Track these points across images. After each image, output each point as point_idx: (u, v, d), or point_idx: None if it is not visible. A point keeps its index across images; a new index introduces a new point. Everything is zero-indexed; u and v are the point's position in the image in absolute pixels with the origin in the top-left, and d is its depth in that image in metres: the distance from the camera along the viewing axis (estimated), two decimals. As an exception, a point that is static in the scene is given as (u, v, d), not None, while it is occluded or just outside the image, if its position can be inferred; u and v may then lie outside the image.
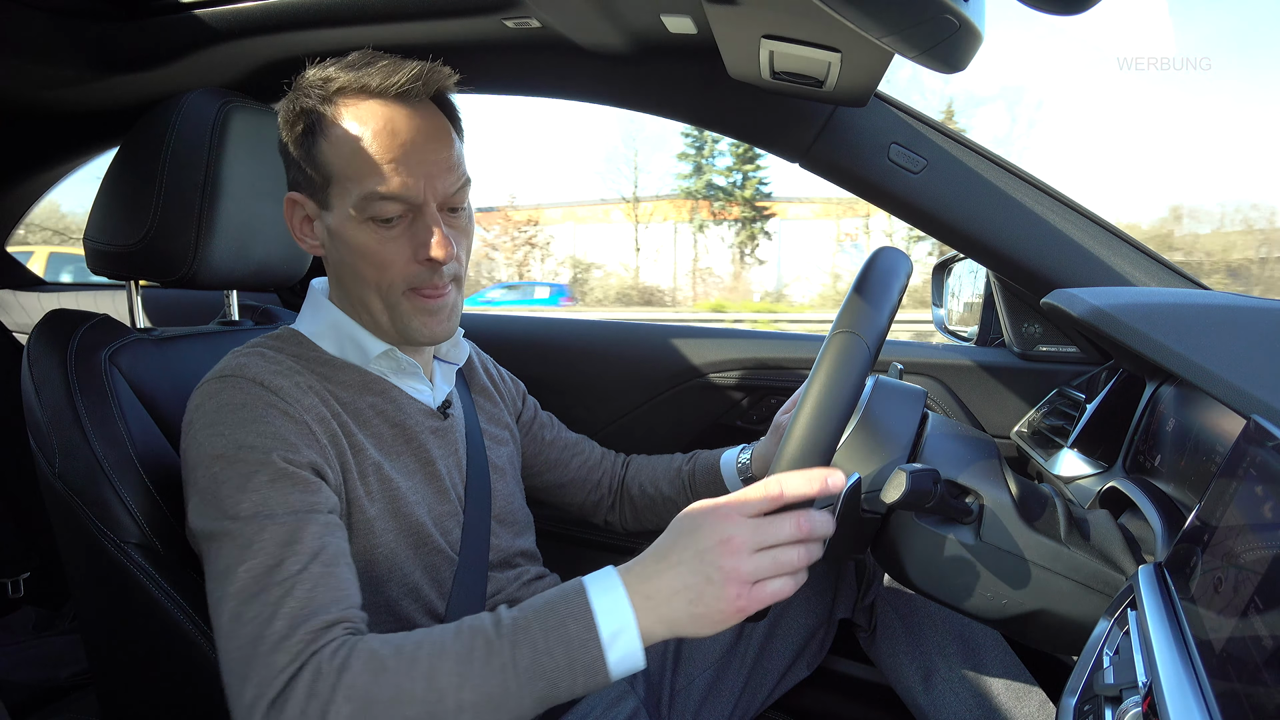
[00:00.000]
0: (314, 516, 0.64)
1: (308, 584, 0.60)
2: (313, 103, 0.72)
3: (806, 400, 0.62)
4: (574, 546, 1.36)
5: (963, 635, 0.95)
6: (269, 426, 0.67)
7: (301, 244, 0.78)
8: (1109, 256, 0.98)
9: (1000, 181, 0.99)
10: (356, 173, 0.70)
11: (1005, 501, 0.65)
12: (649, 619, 0.58)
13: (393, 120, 0.71)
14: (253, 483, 0.63)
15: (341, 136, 0.71)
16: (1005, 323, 1.17)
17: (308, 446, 0.68)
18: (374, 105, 0.71)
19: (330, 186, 0.73)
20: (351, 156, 0.70)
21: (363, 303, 0.76)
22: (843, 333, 0.63)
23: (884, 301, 0.66)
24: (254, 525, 0.62)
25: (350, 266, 0.74)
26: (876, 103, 0.99)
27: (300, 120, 0.73)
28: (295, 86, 0.75)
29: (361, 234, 0.72)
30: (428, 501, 0.79)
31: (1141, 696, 0.43)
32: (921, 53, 0.60)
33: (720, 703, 0.96)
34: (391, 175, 0.70)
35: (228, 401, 0.68)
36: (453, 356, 0.90)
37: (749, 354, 1.30)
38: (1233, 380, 0.55)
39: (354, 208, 0.71)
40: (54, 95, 1.15)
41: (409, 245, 0.73)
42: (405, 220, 0.73)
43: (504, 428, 0.97)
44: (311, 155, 0.73)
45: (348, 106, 0.72)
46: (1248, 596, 0.40)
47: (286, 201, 0.77)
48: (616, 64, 1.00)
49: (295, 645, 0.56)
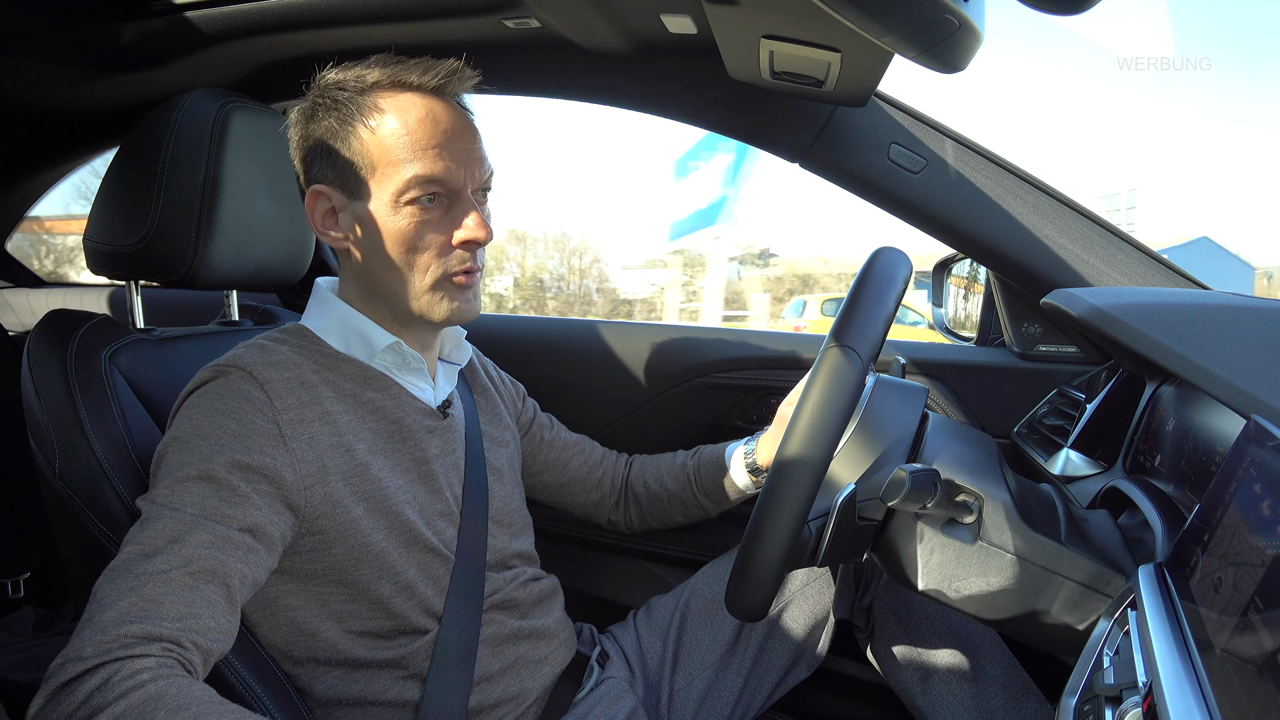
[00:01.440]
0: (214, 526, 0.63)
1: (160, 586, 0.58)
2: (349, 94, 0.74)
3: (798, 420, 0.63)
4: (573, 547, 1.36)
5: (961, 636, 0.95)
6: (233, 421, 0.68)
7: (324, 237, 0.79)
8: (1109, 256, 0.98)
9: (1000, 181, 0.99)
10: (400, 158, 0.73)
11: (1005, 501, 0.65)
12: None
13: (433, 110, 0.74)
14: (181, 473, 0.65)
15: (384, 124, 0.73)
16: (1005, 323, 1.17)
17: (272, 447, 0.68)
18: (413, 97, 0.75)
19: (369, 174, 0.74)
20: (394, 143, 0.73)
21: (391, 290, 0.77)
22: (836, 347, 0.64)
23: (880, 309, 0.66)
24: (158, 510, 0.63)
25: (385, 253, 0.75)
26: (876, 103, 0.99)
27: (331, 112, 0.75)
28: (320, 85, 0.76)
29: (400, 219, 0.74)
30: (419, 500, 0.79)
31: (1141, 697, 0.43)
32: (921, 53, 0.60)
33: (719, 703, 0.96)
34: (436, 160, 0.73)
35: (209, 389, 0.70)
36: (455, 357, 0.90)
37: (749, 354, 1.30)
38: (1233, 380, 0.55)
39: (394, 193, 0.73)
40: (54, 95, 1.15)
41: (448, 229, 0.76)
42: (441, 206, 0.75)
43: (504, 429, 0.97)
44: (348, 144, 0.74)
45: (387, 98, 0.74)
46: (1248, 596, 0.40)
47: (310, 194, 0.77)
48: (616, 64, 1.00)
49: (107, 641, 0.55)
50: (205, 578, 0.61)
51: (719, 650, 0.98)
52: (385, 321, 0.80)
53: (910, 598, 0.98)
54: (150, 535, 0.61)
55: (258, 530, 0.66)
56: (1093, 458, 0.89)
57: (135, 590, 0.58)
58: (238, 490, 0.65)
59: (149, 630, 0.56)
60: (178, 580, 0.59)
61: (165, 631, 0.57)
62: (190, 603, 0.59)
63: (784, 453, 0.63)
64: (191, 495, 0.64)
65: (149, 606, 0.57)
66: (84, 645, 0.55)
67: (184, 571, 0.60)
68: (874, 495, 0.67)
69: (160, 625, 0.57)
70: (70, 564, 0.80)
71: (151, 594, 0.58)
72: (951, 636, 0.95)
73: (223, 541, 0.63)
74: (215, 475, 0.65)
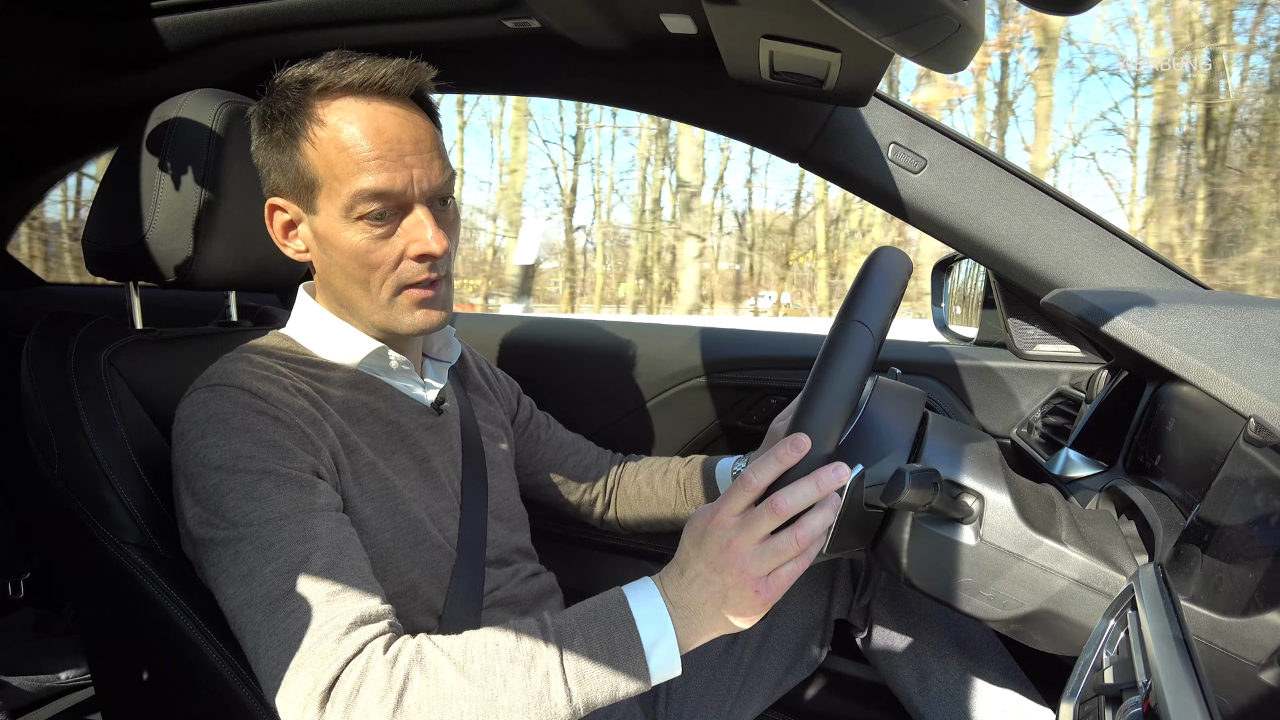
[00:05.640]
0: (326, 514, 0.65)
1: (342, 579, 0.61)
2: (292, 104, 0.71)
3: (809, 386, 0.62)
4: (569, 545, 1.36)
5: (959, 636, 0.95)
6: (262, 435, 0.67)
7: (284, 250, 0.77)
8: (1109, 256, 0.98)
9: (1000, 181, 0.99)
10: (344, 172, 0.69)
11: (1005, 501, 0.65)
12: (687, 626, 0.61)
13: (376, 117, 0.70)
14: (259, 490, 0.64)
15: (325, 137, 0.70)
16: (1005, 323, 1.17)
17: (302, 450, 0.68)
18: (356, 103, 0.70)
19: (316, 189, 0.71)
20: (337, 156, 0.69)
21: (353, 303, 0.76)
22: (849, 322, 0.63)
23: (886, 296, 0.65)
24: (270, 529, 0.62)
25: (341, 268, 0.73)
26: (876, 102, 0.99)
27: (279, 123, 0.72)
28: (270, 89, 0.73)
29: (352, 234, 0.71)
30: (425, 498, 0.79)
31: (1141, 696, 0.43)
32: (921, 53, 0.60)
33: (716, 703, 0.96)
34: (379, 171, 0.69)
35: (216, 411, 0.67)
36: (445, 355, 0.89)
37: (749, 354, 1.30)
38: (1233, 380, 0.55)
39: (343, 208, 0.70)
40: (54, 95, 1.15)
41: (401, 241, 0.72)
42: (395, 217, 0.72)
43: (499, 426, 0.96)
44: (294, 159, 0.71)
45: (329, 106, 0.70)
46: (1248, 596, 0.40)
47: (267, 208, 0.76)
48: (616, 64, 1.00)
49: (359, 636, 0.58)
50: (357, 558, 0.64)
51: (716, 649, 0.98)
52: (365, 328, 0.79)
53: (909, 597, 0.98)
54: (283, 549, 0.61)
55: (341, 508, 0.69)
56: (1093, 458, 0.89)
57: (331, 596, 0.60)
58: (313, 484, 0.66)
59: (372, 613, 0.61)
60: (346, 569, 0.62)
61: (381, 611, 0.62)
62: (370, 581, 0.63)
63: (796, 423, 0.61)
64: (285, 502, 0.64)
65: (354, 600, 0.61)
66: (334, 650, 0.57)
67: (344, 559, 0.63)
68: (879, 488, 0.66)
69: (373, 607, 0.61)
70: (69, 565, 0.80)
71: (343, 587, 0.61)
72: (950, 636, 0.95)
73: (340, 524, 0.66)
74: (288, 478, 0.65)
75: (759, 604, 0.58)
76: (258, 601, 0.60)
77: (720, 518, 0.60)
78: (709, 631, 0.61)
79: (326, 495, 0.67)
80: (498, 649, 0.59)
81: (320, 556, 0.62)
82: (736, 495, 0.59)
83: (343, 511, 0.70)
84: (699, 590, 0.60)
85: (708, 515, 0.61)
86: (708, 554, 0.59)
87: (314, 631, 0.58)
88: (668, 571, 0.63)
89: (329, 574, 0.61)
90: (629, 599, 0.61)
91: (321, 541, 0.63)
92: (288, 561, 0.61)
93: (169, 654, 0.75)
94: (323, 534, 0.63)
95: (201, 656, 0.73)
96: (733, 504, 0.59)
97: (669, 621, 0.60)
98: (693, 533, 0.62)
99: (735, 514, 0.59)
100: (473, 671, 0.58)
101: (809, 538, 0.58)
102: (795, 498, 0.58)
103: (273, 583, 0.60)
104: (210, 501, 0.65)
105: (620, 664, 0.59)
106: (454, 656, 0.59)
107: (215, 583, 0.64)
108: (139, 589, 0.73)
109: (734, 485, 0.60)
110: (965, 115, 13.52)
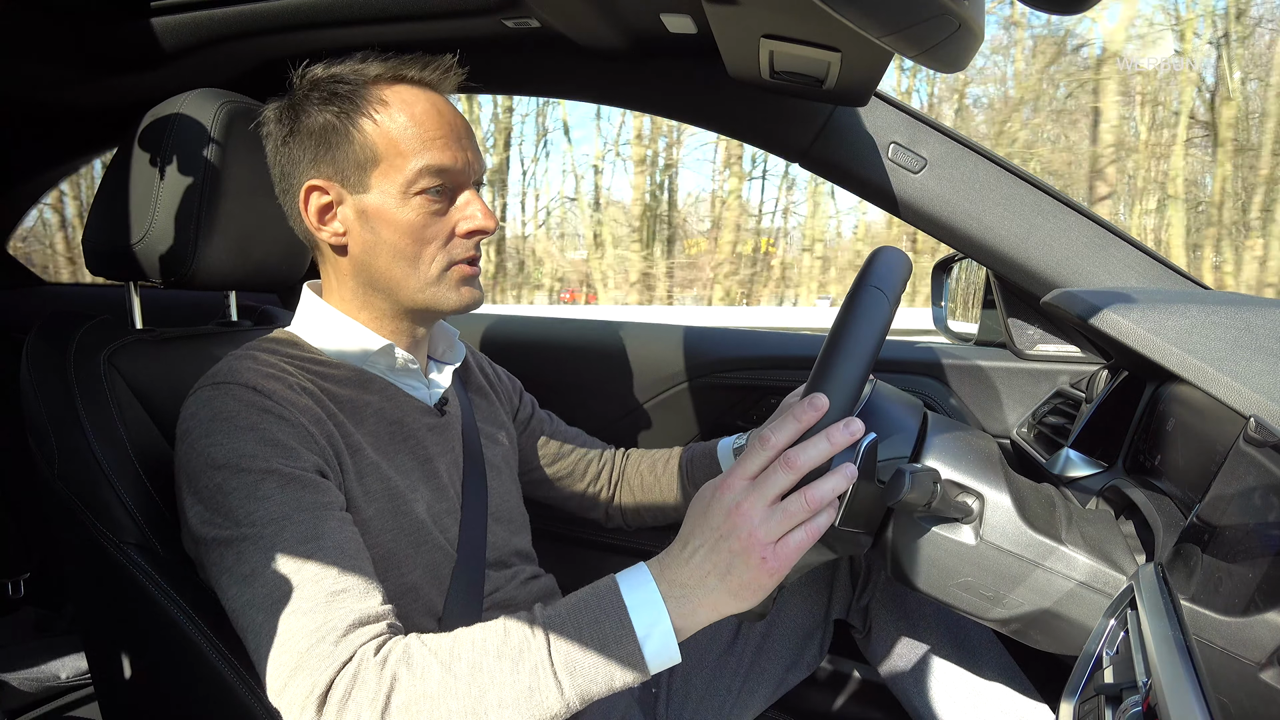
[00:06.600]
0: (329, 514, 0.65)
1: (344, 580, 0.61)
2: (351, 86, 0.74)
3: (826, 348, 0.61)
4: (570, 547, 1.36)
5: (958, 636, 0.95)
6: (266, 434, 0.67)
7: (318, 234, 0.77)
8: (1109, 256, 0.98)
9: (1000, 181, 0.99)
10: (408, 148, 0.73)
11: (1005, 501, 0.65)
12: (686, 607, 0.58)
13: (435, 102, 0.76)
14: (263, 489, 0.64)
15: (389, 116, 0.73)
16: (1005, 323, 1.17)
17: (306, 449, 0.68)
18: (414, 90, 0.75)
19: (372, 165, 0.74)
20: (402, 134, 0.73)
21: (397, 283, 0.76)
22: (865, 287, 0.62)
23: (896, 277, 0.65)
24: (273, 528, 0.62)
25: (390, 245, 0.75)
26: (876, 102, 0.99)
27: (330, 105, 0.74)
28: (310, 80, 0.75)
29: (408, 209, 0.74)
30: (426, 499, 0.79)
31: (1141, 696, 0.43)
32: (921, 52, 0.60)
33: (716, 702, 0.96)
34: (444, 150, 0.74)
35: (221, 410, 0.67)
36: (449, 357, 0.90)
37: (749, 354, 1.30)
38: (1233, 380, 0.55)
39: (404, 183, 0.73)
40: (54, 95, 1.15)
41: (455, 217, 0.76)
42: (448, 196, 0.76)
43: (500, 427, 0.97)
44: (349, 137, 0.73)
45: (388, 90, 0.74)
46: (1248, 596, 0.40)
47: (305, 190, 0.76)
48: (616, 64, 1.00)
49: (355, 639, 0.59)
50: (359, 557, 0.64)
51: (716, 650, 0.98)
52: (375, 324, 0.80)
53: (908, 598, 0.98)
54: (286, 548, 0.62)
55: (345, 507, 0.69)
56: (1093, 457, 0.89)
57: (330, 596, 0.60)
58: (317, 484, 0.67)
59: (370, 614, 0.61)
60: (348, 568, 0.62)
61: (380, 612, 0.62)
62: (370, 580, 0.63)
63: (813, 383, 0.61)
64: (290, 501, 0.64)
65: (354, 601, 0.61)
66: (331, 653, 0.58)
67: (346, 559, 0.63)
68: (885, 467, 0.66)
69: (372, 608, 0.61)
70: (69, 565, 0.80)
71: (342, 587, 0.61)
72: (950, 636, 0.95)
73: (343, 524, 0.66)
74: (292, 477, 0.65)
75: (765, 574, 0.56)
76: (259, 602, 0.60)
77: (731, 480, 0.58)
78: (709, 611, 0.58)
79: (330, 495, 0.67)
80: (485, 644, 0.59)
81: (322, 557, 0.62)
82: (753, 456, 0.58)
83: (346, 511, 0.70)
84: (701, 562, 0.58)
85: (716, 483, 0.59)
86: (713, 520, 0.58)
87: (313, 633, 0.58)
88: (668, 550, 0.61)
89: (330, 575, 0.61)
90: (620, 585, 0.60)
91: (324, 542, 0.63)
92: (290, 562, 0.61)
93: (169, 654, 0.75)
94: (325, 534, 0.63)
95: (201, 656, 0.73)
96: (748, 465, 0.58)
97: (663, 606, 0.58)
98: (699, 503, 0.60)
99: (748, 477, 0.58)
100: (459, 669, 0.57)
101: (819, 500, 0.57)
102: (809, 453, 0.57)
103: (274, 583, 0.60)
104: (213, 500, 0.65)
105: (612, 652, 0.57)
106: (441, 655, 0.58)
107: (218, 582, 0.64)
108: (138, 589, 0.73)
109: (750, 446, 0.59)
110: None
